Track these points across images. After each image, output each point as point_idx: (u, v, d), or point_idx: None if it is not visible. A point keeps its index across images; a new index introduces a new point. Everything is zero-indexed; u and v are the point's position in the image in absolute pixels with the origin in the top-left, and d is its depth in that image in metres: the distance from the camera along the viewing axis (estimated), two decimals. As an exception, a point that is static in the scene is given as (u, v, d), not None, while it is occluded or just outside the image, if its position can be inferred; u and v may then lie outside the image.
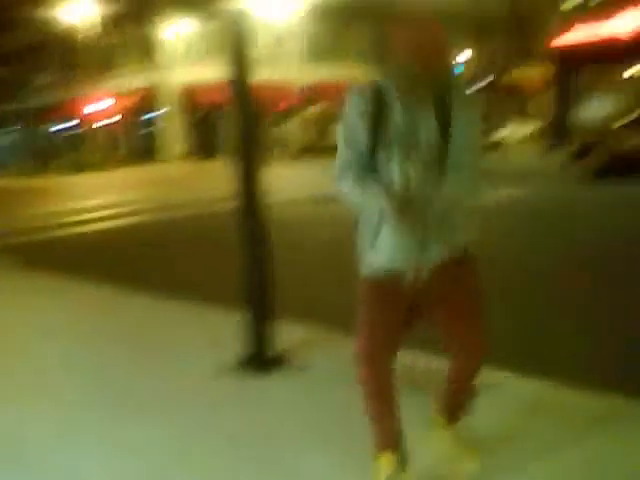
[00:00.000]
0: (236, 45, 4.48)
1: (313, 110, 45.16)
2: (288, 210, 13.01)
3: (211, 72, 36.52)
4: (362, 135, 2.56)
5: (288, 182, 19.12)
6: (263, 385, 4.31)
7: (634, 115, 17.70)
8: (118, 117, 43.11)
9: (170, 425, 3.81)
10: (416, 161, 2.53)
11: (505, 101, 45.84)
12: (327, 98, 43.17)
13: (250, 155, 4.52)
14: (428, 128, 2.54)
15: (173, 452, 3.49)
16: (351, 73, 43.54)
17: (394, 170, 2.55)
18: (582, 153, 16.84)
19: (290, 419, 3.79)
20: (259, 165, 4.52)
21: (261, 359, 4.56)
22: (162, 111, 40.69)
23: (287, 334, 4.85)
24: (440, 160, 2.54)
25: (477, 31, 37.39)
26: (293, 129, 44.89)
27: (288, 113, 43.68)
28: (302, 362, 4.57)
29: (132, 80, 40.87)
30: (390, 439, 2.86)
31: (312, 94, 42.93)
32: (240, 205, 4.50)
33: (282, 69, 39.65)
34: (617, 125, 18.32)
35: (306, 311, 5.74)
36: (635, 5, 23.20)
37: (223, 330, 5.19)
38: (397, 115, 2.54)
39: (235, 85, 4.50)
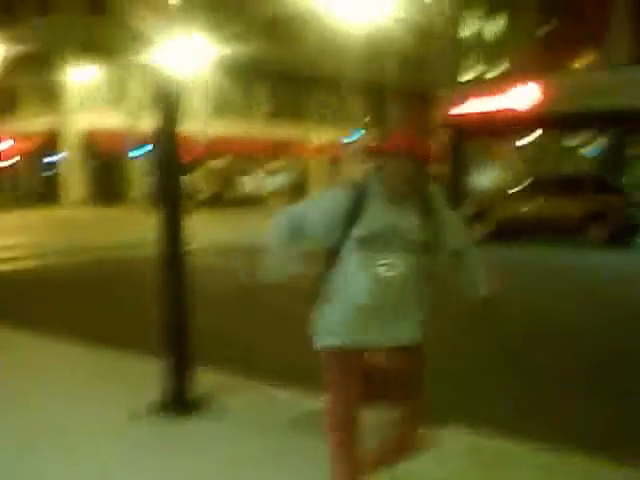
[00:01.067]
0: (164, 96, 4.68)
1: (217, 163, 45.43)
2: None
3: (113, 119, 36.33)
4: (327, 222, 2.85)
5: (194, 232, 19.11)
6: (181, 429, 4.43)
7: (522, 184, 18.94)
8: (17, 159, 41.93)
9: (88, 466, 3.86)
10: (396, 252, 2.80)
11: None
12: (231, 152, 43.62)
13: (174, 203, 4.70)
14: (410, 223, 2.83)
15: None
16: (254, 128, 44.47)
17: (364, 261, 2.80)
18: (473, 220, 17.86)
19: (207, 461, 3.91)
20: (182, 213, 4.70)
21: (180, 403, 4.67)
22: (63, 155, 39.88)
23: (205, 380, 4.97)
24: (423, 251, 2.85)
25: (375, 102, 38.97)
26: (197, 181, 44.91)
27: (193, 165, 43.73)
28: (220, 407, 4.70)
29: (34, 123, 39.97)
30: None
31: (216, 147, 43.21)
32: (162, 252, 4.65)
33: (187, 122, 39.73)
34: (505, 193, 19.53)
35: (224, 358, 5.89)
36: (523, 82, 24.89)
37: (139, 376, 5.27)
38: (378, 212, 2.81)
39: (160, 135, 4.68)
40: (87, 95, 39.33)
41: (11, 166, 42.33)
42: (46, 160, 41.40)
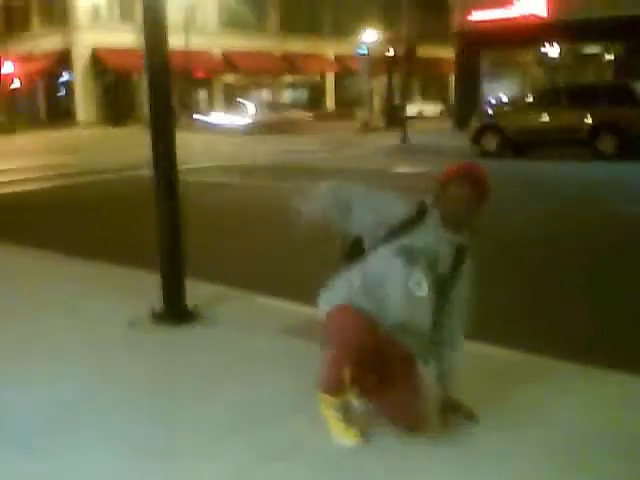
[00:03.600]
0: (151, 10, 4.66)
1: (231, 78, 44.95)
2: (198, 177, 13.23)
3: (123, 37, 35.88)
4: (373, 222, 3.03)
5: (199, 150, 19.29)
6: (177, 334, 4.67)
7: (533, 96, 18.71)
8: (27, 80, 41.78)
9: (82, 367, 4.12)
10: (426, 275, 2.99)
11: (416, 78, 46.80)
12: (245, 67, 43.09)
13: (163, 120, 4.78)
14: (445, 259, 3.02)
15: (85, 390, 3.81)
16: (268, 43, 43.79)
17: (409, 270, 2.98)
18: (480, 134, 17.74)
19: (201, 362, 4.15)
20: (172, 129, 4.79)
21: (176, 313, 4.90)
22: (74, 75, 39.67)
23: (199, 290, 5.20)
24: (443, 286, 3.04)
25: (385, 8, 37.97)
26: (209, 97, 44.57)
27: (206, 80, 43.35)
28: (215, 315, 4.93)
29: (45, 42, 39.65)
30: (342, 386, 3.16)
31: (230, 63, 42.70)
32: (154, 167, 4.78)
33: (199, 37, 39.21)
34: (516, 105, 19.32)
35: (216, 270, 6.12)
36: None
37: (138, 287, 5.51)
38: (428, 235, 3.00)
39: (149, 51, 4.68)
40: (97, 12, 38.78)
41: (24, 87, 42.21)
42: (58, 80, 41.26)
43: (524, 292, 5.79)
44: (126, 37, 34.69)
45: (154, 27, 4.69)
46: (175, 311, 4.90)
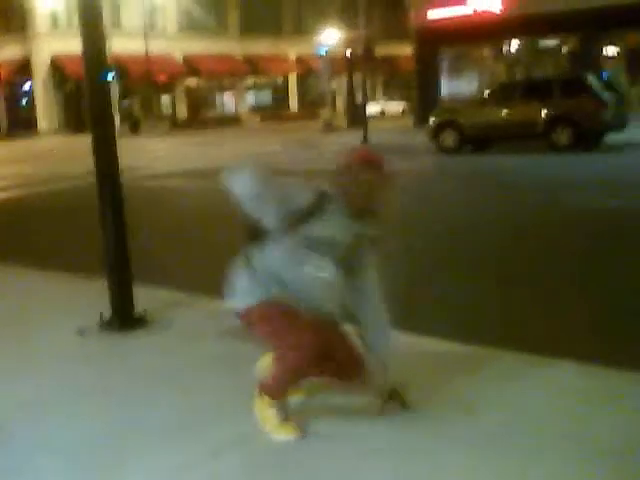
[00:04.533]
0: (88, 14, 4.67)
1: (193, 82, 44.83)
2: (154, 183, 13.22)
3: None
4: (283, 210, 3.02)
5: (158, 156, 19.19)
6: (125, 342, 4.68)
7: (489, 91, 18.95)
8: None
9: (30, 378, 4.12)
10: (330, 260, 3.07)
11: (377, 76, 47.00)
12: (207, 70, 42.99)
13: (104, 127, 4.78)
14: (348, 246, 3.10)
15: (32, 394, 3.83)
16: (229, 46, 43.70)
17: (312, 256, 3.06)
18: (438, 130, 17.91)
19: (148, 368, 4.17)
20: (112, 137, 4.80)
21: (124, 320, 4.89)
22: (34, 83, 39.28)
23: (148, 297, 5.21)
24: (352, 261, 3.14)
25: (344, 8, 38.10)
26: (171, 101, 44.41)
27: (168, 85, 43.18)
28: (162, 321, 4.94)
29: (2, 52, 39.18)
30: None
31: (191, 66, 42.56)
32: (96, 176, 4.79)
33: (160, 41, 39.06)
34: (473, 101, 19.52)
35: (165, 276, 6.14)
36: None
37: (88, 296, 5.50)
38: (330, 223, 3.04)
39: (86, 56, 4.68)
40: (55, 20, 38.42)
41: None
42: (19, 89, 40.82)
43: (465, 286, 5.89)
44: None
45: (91, 30, 4.69)
46: (124, 318, 4.90)
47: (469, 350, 4.14)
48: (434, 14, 25.70)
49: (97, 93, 4.75)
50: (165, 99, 44.02)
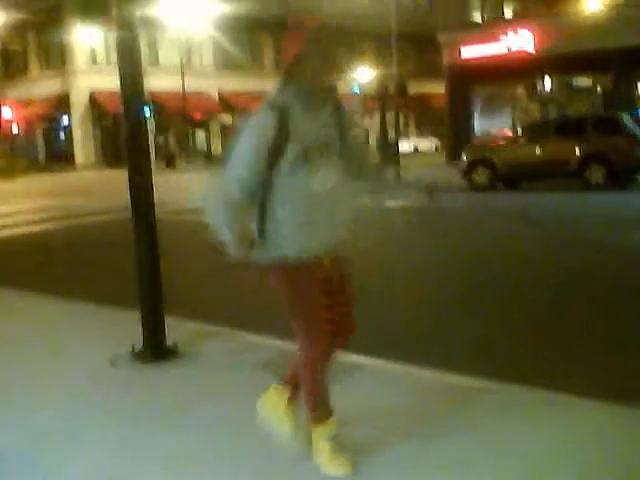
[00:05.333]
0: (126, 51, 4.79)
1: (229, 118, 45.45)
2: (189, 217, 13.33)
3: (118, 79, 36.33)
4: (266, 149, 2.84)
5: (193, 190, 19.38)
6: (157, 372, 4.72)
7: (523, 129, 18.95)
8: (26, 124, 42.29)
9: (63, 400, 4.21)
10: (327, 159, 2.91)
11: (410, 114, 47.27)
12: (242, 107, 43.57)
13: (139, 161, 4.89)
14: (329, 132, 2.94)
15: (63, 420, 3.88)
16: (264, 82, 44.30)
17: (311, 171, 2.87)
18: (471, 168, 17.92)
19: (180, 399, 4.21)
20: (149, 170, 4.90)
21: (154, 351, 4.96)
22: (72, 118, 40.15)
23: (179, 328, 5.27)
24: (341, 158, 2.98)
25: (377, 47, 38.51)
26: (206, 137, 45.03)
27: (204, 122, 43.86)
28: (194, 352, 4.99)
29: (41, 87, 40.22)
30: (329, 408, 3.20)
31: (227, 103, 43.21)
32: (131, 208, 4.89)
33: (196, 79, 39.80)
34: (507, 139, 19.53)
35: (195, 308, 6.20)
36: (524, 26, 24.60)
37: (121, 327, 5.58)
38: (305, 124, 2.85)
39: (124, 92, 4.81)
40: (94, 56, 39.38)
41: (23, 131, 42.68)
42: (57, 123, 41.75)
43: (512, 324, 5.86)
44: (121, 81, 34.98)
45: (129, 67, 4.81)
46: (155, 349, 4.96)
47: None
48: (467, 52, 25.87)
49: (134, 128, 4.88)
50: (200, 135, 44.69)
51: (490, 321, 5.86)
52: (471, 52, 25.71)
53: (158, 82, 33.95)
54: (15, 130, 43.18)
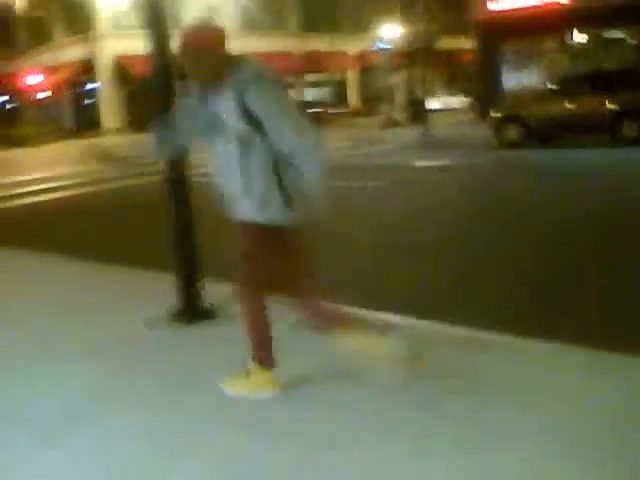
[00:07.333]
0: (153, 15, 4.81)
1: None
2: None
3: (144, 44, 36.23)
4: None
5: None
6: (193, 334, 4.78)
7: (554, 84, 18.56)
8: (53, 91, 42.43)
9: (105, 365, 4.27)
10: (225, 140, 3.25)
11: (437, 71, 46.58)
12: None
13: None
14: (230, 115, 3.18)
15: (108, 387, 3.95)
16: (288, 42, 43.93)
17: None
18: (501, 124, 17.63)
19: (215, 359, 4.26)
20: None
21: (192, 312, 5.00)
22: (98, 83, 40.18)
23: (214, 290, 5.29)
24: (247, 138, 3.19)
25: (403, 2, 37.80)
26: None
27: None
28: (229, 313, 5.01)
29: (66, 53, 40.23)
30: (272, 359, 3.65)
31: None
32: (165, 171, 4.89)
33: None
34: (537, 94, 19.15)
35: (231, 270, 6.20)
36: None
37: (157, 289, 5.62)
38: (203, 108, 3.31)
39: (153, 55, 4.84)
40: (118, 20, 39.20)
41: (47, 98, 42.83)
42: (84, 89, 41.81)
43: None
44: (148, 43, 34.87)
45: (156, 29, 4.81)
46: (191, 311, 5.01)
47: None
48: (495, 5, 25.32)
49: (163, 88, 4.87)
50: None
51: (519, 275, 5.82)
52: (499, 5, 25.14)
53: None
54: (43, 97, 43.34)
